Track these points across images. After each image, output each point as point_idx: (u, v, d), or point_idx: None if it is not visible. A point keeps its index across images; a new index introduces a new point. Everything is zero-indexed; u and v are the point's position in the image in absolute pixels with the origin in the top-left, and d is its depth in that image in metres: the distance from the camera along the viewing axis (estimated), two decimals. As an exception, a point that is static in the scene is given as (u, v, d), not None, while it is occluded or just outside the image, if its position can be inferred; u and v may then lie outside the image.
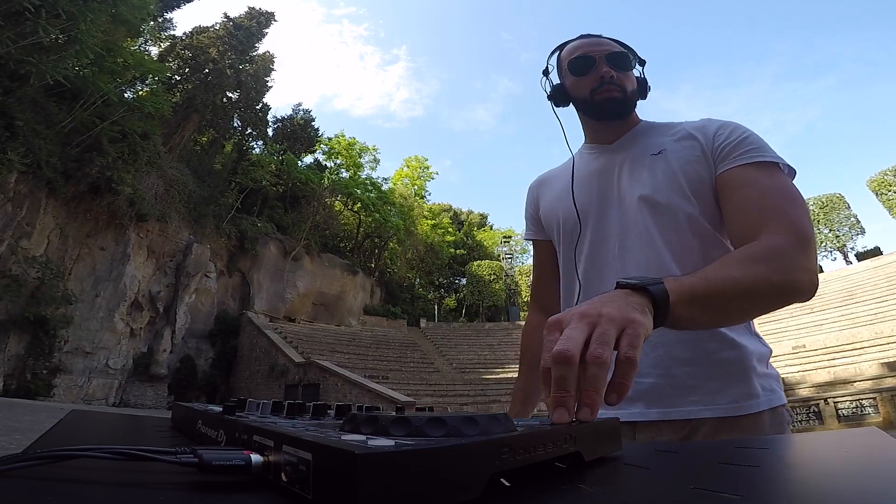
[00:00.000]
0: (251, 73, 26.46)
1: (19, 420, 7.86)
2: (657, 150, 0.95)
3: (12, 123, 13.50)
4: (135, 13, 17.11)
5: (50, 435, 0.52)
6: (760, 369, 0.85)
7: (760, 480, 0.33)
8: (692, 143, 0.92)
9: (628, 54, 0.99)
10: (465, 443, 0.26)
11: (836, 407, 11.05)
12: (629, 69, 0.98)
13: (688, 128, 0.96)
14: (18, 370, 14.51)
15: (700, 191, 0.88)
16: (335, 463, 0.22)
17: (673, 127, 1.00)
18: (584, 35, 1.05)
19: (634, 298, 0.52)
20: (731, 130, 0.89)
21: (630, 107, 1.00)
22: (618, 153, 1.00)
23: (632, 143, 1.00)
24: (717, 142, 0.89)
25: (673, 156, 0.92)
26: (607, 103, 0.97)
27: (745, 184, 0.81)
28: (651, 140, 0.98)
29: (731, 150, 0.86)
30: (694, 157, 0.90)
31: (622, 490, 0.34)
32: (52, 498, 0.24)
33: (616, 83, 0.96)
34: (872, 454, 0.42)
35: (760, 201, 0.78)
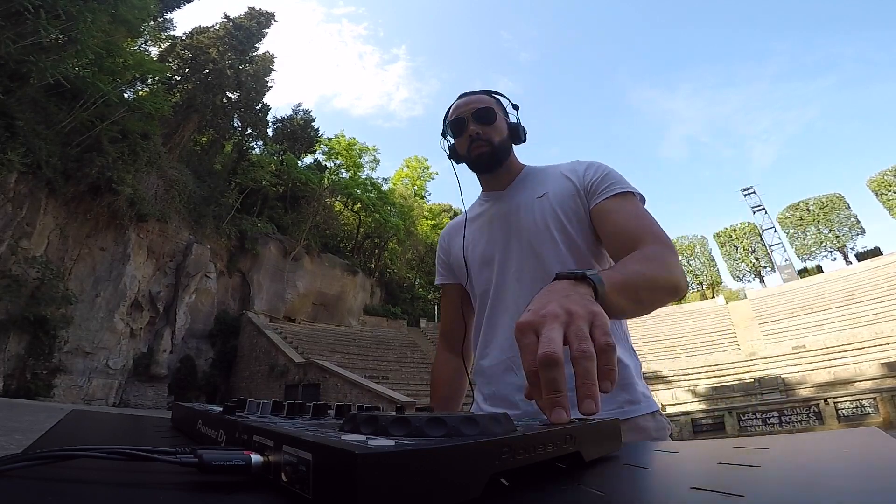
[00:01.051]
0: (251, 74, 26.48)
1: (19, 420, 7.86)
2: (541, 193, 1.08)
3: (12, 123, 13.50)
4: (135, 13, 17.12)
5: (50, 435, 0.52)
6: (638, 381, 0.98)
7: (760, 480, 0.33)
8: (567, 184, 1.06)
9: (493, 108, 1.09)
10: (465, 443, 0.26)
11: (837, 407, 11.05)
12: (493, 121, 1.09)
13: (563, 170, 1.10)
14: (18, 370, 14.51)
15: (577, 223, 1.03)
16: (335, 463, 0.22)
17: (551, 171, 1.13)
18: (461, 95, 1.17)
19: (583, 289, 0.57)
20: (595, 169, 1.06)
21: (501, 156, 1.11)
22: (511, 199, 1.12)
23: (520, 189, 1.13)
24: (586, 180, 1.04)
25: (554, 197, 1.06)
26: (479, 159, 1.10)
27: (614, 211, 0.97)
28: (535, 185, 1.11)
29: (598, 185, 1.02)
30: (569, 195, 1.05)
31: (622, 490, 0.34)
32: (52, 498, 0.24)
33: (483, 138, 1.08)
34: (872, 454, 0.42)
35: (630, 223, 0.94)
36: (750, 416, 11.79)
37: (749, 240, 35.16)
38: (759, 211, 36.23)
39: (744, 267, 34.87)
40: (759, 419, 11.67)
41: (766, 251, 34.12)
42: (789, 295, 24.72)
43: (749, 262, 34.56)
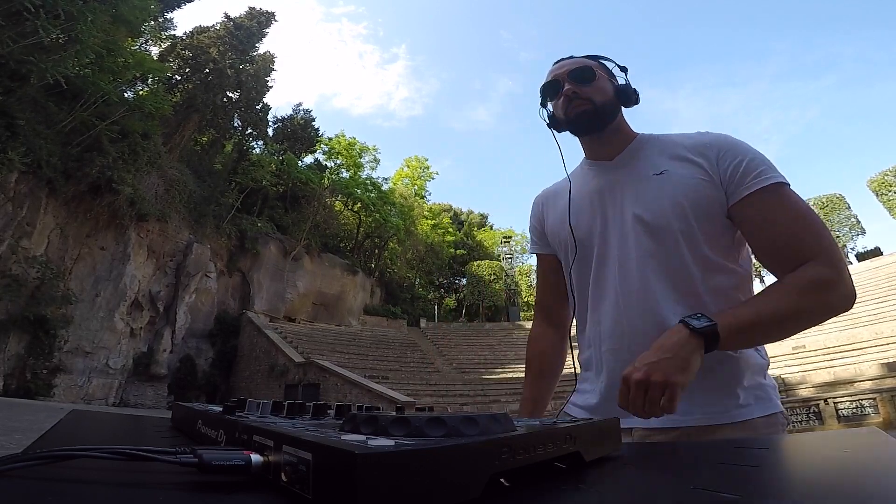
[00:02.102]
0: (251, 73, 26.47)
1: (19, 420, 7.86)
2: (659, 169, 0.95)
3: (13, 123, 13.50)
4: (135, 13, 17.12)
5: (50, 435, 0.52)
6: (750, 380, 0.89)
7: (760, 480, 0.33)
8: (693, 168, 0.93)
9: (591, 67, 1.00)
10: (465, 443, 0.26)
11: (836, 407, 11.05)
12: (592, 80, 0.99)
13: (687, 146, 0.96)
14: (18, 370, 14.51)
15: (705, 215, 0.90)
16: (335, 463, 0.22)
17: (671, 142, 0.99)
18: (557, 61, 1.07)
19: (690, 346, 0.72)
20: (732, 152, 0.91)
21: (604, 117, 0.99)
22: (619, 171, 1.00)
23: (632, 161, 1.00)
24: (722, 168, 0.90)
25: (676, 178, 0.93)
26: (579, 118, 0.99)
27: (768, 214, 0.85)
28: (651, 158, 0.98)
29: (740, 175, 0.88)
30: (697, 181, 0.91)
31: (622, 490, 0.34)
32: (52, 498, 0.24)
33: (581, 97, 0.98)
34: (872, 454, 0.42)
35: (791, 232, 0.83)
36: (750, 417, 11.79)
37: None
38: (759, 211, 36.18)
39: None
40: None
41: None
42: (789, 295, 24.69)
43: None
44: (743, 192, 0.87)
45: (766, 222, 0.85)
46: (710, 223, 0.90)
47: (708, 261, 0.89)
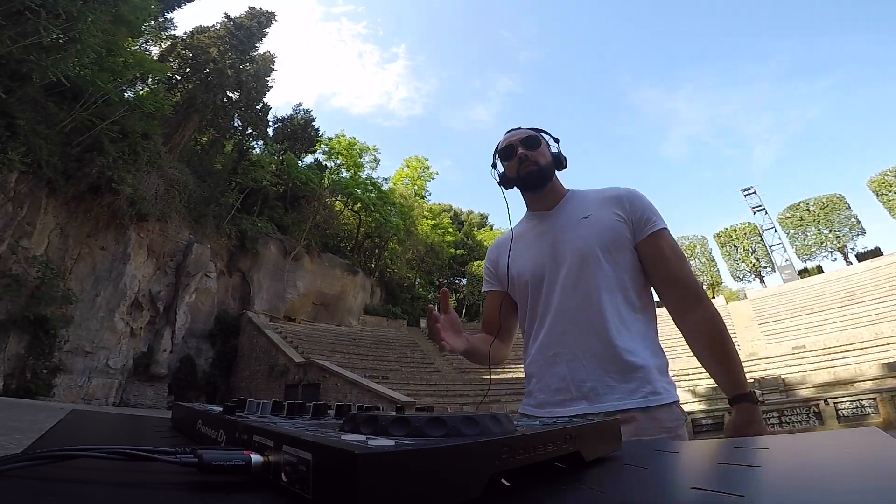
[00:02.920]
0: (251, 73, 26.46)
1: (19, 420, 7.86)
2: (585, 214, 1.24)
3: (13, 123, 13.50)
4: (136, 13, 17.11)
5: (50, 435, 0.52)
6: (660, 377, 1.16)
7: (760, 480, 0.33)
8: (611, 212, 1.22)
9: (538, 137, 1.30)
10: (465, 443, 0.26)
11: (837, 407, 11.04)
12: (538, 147, 1.29)
13: (605, 196, 1.26)
14: (18, 370, 14.51)
15: (622, 247, 1.20)
16: (335, 463, 0.22)
17: (593, 195, 1.30)
18: (508, 130, 1.38)
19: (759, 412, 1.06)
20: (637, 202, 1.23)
21: (546, 176, 1.29)
22: (556, 218, 1.29)
23: (565, 210, 1.29)
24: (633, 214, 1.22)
25: (599, 220, 1.22)
26: (528, 176, 1.28)
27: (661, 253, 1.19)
28: (579, 207, 1.27)
29: (642, 221, 1.21)
30: (614, 222, 1.21)
31: (622, 490, 0.34)
32: (52, 498, 0.24)
33: (530, 160, 1.27)
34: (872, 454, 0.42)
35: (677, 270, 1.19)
36: (750, 417, 11.76)
37: (749, 240, 35.14)
38: (759, 211, 36.21)
39: (744, 267, 34.84)
40: (759, 419, 11.64)
41: (767, 251, 34.11)
42: (789, 295, 24.71)
43: (749, 263, 34.53)
44: (643, 233, 1.20)
45: (657, 257, 1.19)
46: (624, 254, 1.20)
47: (625, 282, 1.19)
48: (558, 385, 1.16)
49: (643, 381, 1.12)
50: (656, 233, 1.19)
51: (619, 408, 1.09)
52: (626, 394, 1.11)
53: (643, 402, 1.10)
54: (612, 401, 1.10)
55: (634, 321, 1.17)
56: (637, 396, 1.10)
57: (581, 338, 1.16)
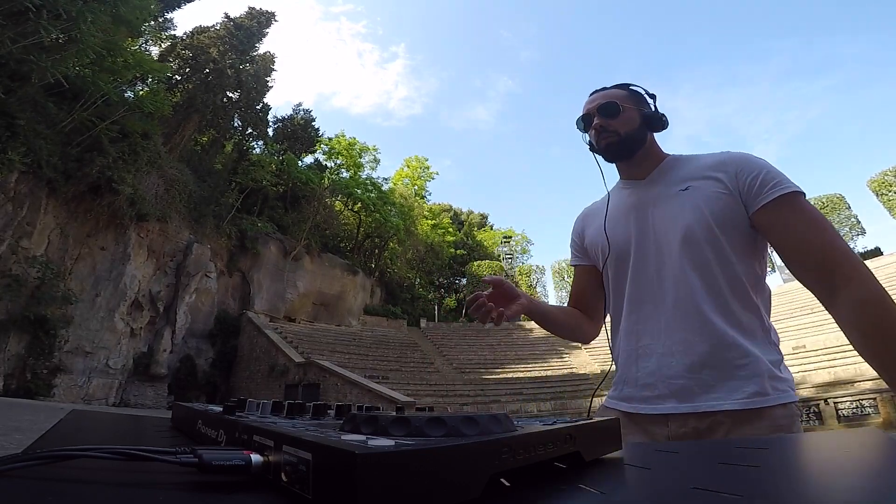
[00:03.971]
0: (251, 73, 26.47)
1: (19, 420, 7.86)
2: (684, 185, 1.08)
3: (13, 123, 13.50)
4: (136, 13, 17.11)
5: (50, 435, 0.52)
6: (771, 373, 0.99)
7: (760, 480, 0.33)
8: (715, 183, 1.04)
9: (617, 102, 1.13)
10: (465, 443, 0.26)
11: (837, 407, 11.05)
12: (618, 114, 1.12)
13: (710, 163, 1.08)
14: (18, 370, 14.52)
15: (726, 225, 1.01)
16: (335, 463, 0.22)
17: (697, 161, 1.12)
18: (592, 92, 1.21)
19: None
20: (749, 167, 1.02)
21: (630, 146, 1.14)
22: (650, 189, 1.14)
23: (661, 179, 1.14)
24: (741, 181, 1.01)
25: (699, 192, 1.05)
26: (608, 149, 1.14)
27: (788, 220, 0.96)
28: (677, 176, 1.11)
29: (758, 186, 0.99)
30: (718, 195, 1.03)
31: (622, 490, 0.34)
32: (52, 498, 0.24)
33: (608, 130, 1.12)
34: (872, 454, 0.42)
35: (813, 238, 0.94)
36: (750, 417, 11.77)
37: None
38: (759, 211, 36.22)
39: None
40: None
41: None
42: (789, 295, 24.71)
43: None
44: (760, 201, 0.98)
45: (785, 229, 0.97)
46: (730, 231, 1.01)
47: (732, 267, 1.01)
48: (646, 381, 1.04)
49: (746, 380, 0.96)
50: (779, 199, 0.96)
51: (715, 408, 0.95)
52: (725, 393, 0.96)
53: (745, 403, 0.94)
54: (709, 400, 0.96)
55: (739, 310, 1.00)
56: (739, 396, 0.95)
57: (672, 328, 1.02)
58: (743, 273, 1.01)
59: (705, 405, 0.96)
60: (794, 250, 0.96)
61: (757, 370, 0.97)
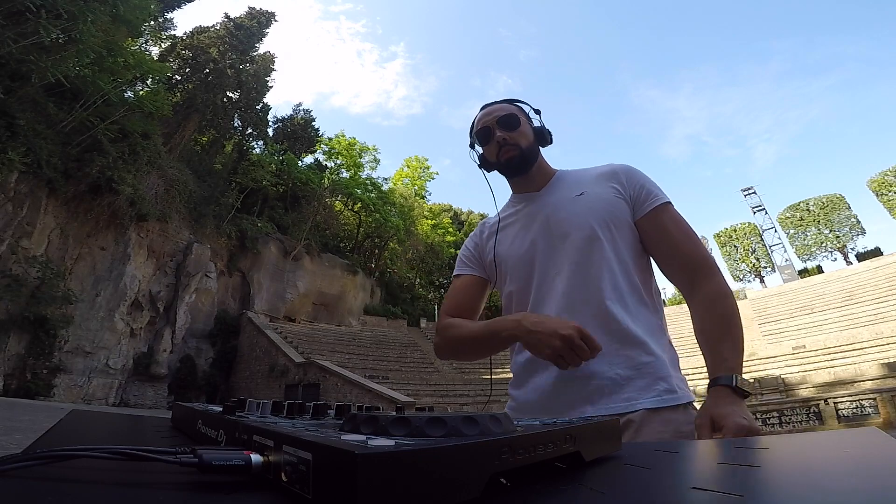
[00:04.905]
0: (251, 73, 26.47)
1: (19, 420, 7.86)
2: (579, 191, 1.12)
3: (13, 123, 13.51)
4: (135, 13, 17.11)
5: (50, 435, 0.52)
6: (674, 372, 1.02)
7: (760, 480, 0.33)
8: (608, 188, 1.10)
9: (516, 115, 1.15)
10: (465, 443, 0.26)
11: (837, 407, 11.04)
12: (518, 126, 1.14)
13: (599, 173, 1.14)
14: (18, 370, 14.52)
15: (622, 226, 1.07)
16: (335, 463, 0.22)
17: (586, 173, 1.17)
18: (483, 106, 1.22)
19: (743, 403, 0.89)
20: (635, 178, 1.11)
21: (530, 158, 1.15)
22: (546, 198, 1.16)
23: (556, 189, 1.16)
24: (630, 189, 1.10)
25: (594, 196, 1.10)
26: (510, 162, 1.14)
27: (664, 228, 1.06)
28: (571, 185, 1.15)
29: (642, 196, 1.08)
30: (612, 198, 1.09)
31: (622, 490, 0.34)
32: (52, 498, 0.24)
33: (510, 143, 1.13)
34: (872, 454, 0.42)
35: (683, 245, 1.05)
36: (750, 417, 11.75)
37: (749, 240, 35.16)
38: (759, 211, 36.23)
39: (744, 267, 34.86)
40: (759, 419, 11.65)
41: (767, 251, 34.12)
42: (789, 295, 24.72)
43: (749, 263, 34.55)
44: (646, 208, 1.07)
45: (661, 234, 1.06)
46: (625, 232, 1.07)
47: (626, 265, 1.06)
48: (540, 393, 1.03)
49: (654, 378, 0.97)
50: (659, 207, 1.06)
51: (628, 409, 0.95)
52: (636, 391, 0.96)
53: (657, 401, 0.95)
54: (620, 401, 0.95)
55: (641, 308, 1.03)
56: (650, 395, 0.96)
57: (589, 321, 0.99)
58: (638, 272, 1.06)
59: (619, 406, 0.95)
60: (669, 253, 1.06)
61: (663, 368, 1.00)
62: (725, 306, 0.98)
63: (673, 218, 1.07)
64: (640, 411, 0.95)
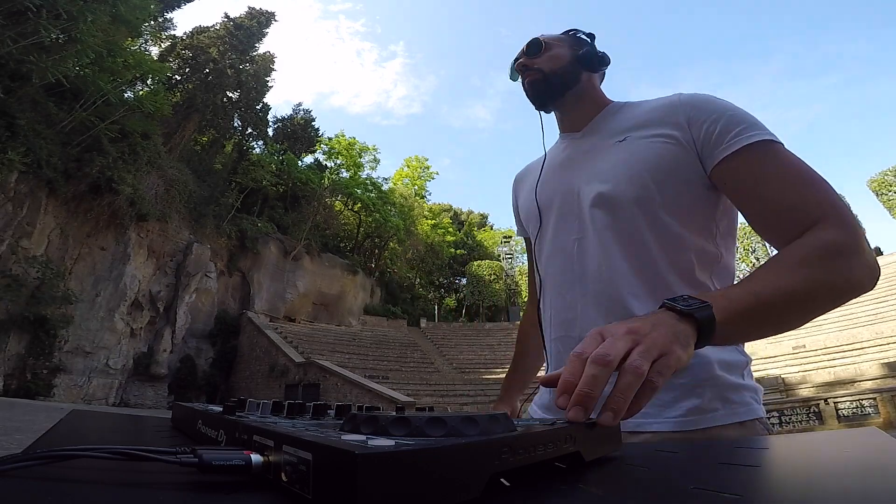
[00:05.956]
0: (251, 73, 26.48)
1: (19, 420, 7.86)
2: (621, 136, 0.86)
3: (13, 123, 13.51)
4: (135, 13, 17.12)
5: (50, 435, 0.52)
6: (726, 380, 0.74)
7: (760, 480, 0.33)
8: (660, 128, 0.82)
9: (542, 40, 0.97)
10: (465, 443, 0.26)
11: (837, 407, 11.04)
12: (540, 51, 0.95)
13: (657, 107, 0.86)
14: (18, 370, 14.52)
15: (669, 183, 0.78)
16: (335, 463, 0.22)
17: (642, 107, 0.90)
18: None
19: (682, 326, 0.50)
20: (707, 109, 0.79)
21: (554, 84, 0.94)
22: (583, 141, 0.94)
23: (597, 130, 0.93)
24: (696, 124, 0.78)
25: (637, 142, 0.83)
26: (530, 87, 0.96)
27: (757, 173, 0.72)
28: (616, 124, 0.90)
29: (720, 133, 0.75)
30: (660, 143, 0.80)
31: (622, 490, 0.34)
32: (52, 498, 0.24)
33: (531, 68, 0.95)
34: (872, 454, 0.42)
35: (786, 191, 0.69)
36: (750, 417, 11.76)
37: (749, 240, 35.18)
38: (759, 211, 36.26)
39: (744, 267, 34.89)
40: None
41: (767, 251, 34.14)
42: (789, 295, 24.70)
43: (749, 263, 34.57)
44: (722, 152, 0.74)
45: (756, 184, 0.71)
46: (675, 190, 0.78)
47: (670, 233, 0.78)
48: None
49: (685, 392, 0.72)
50: (745, 149, 0.72)
51: (638, 429, 0.72)
52: (654, 409, 0.71)
53: (680, 423, 0.71)
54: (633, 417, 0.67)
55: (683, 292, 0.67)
56: (672, 414, 0.71)
57: (589, 322, 0.79)
58: (692, 248, 0.78)
59: (632, 422, 0.64)
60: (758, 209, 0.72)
61: (701, 376, 0.73)
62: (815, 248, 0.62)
63: (772, 160, 0.72)
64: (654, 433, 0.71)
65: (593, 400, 0.41)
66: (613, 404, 0.41)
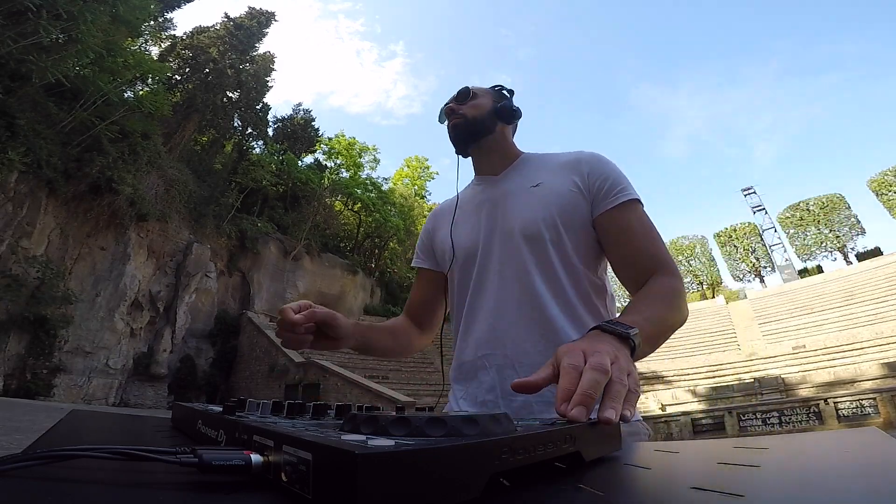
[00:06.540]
0: (251, 73, 26.48)
1: (19, 420, 7.86)
2: (536, 182, 1.01)
3: (13, 123, 13.51)
4: (135, 13, 17.12)
5: (50, 435, 0.52)
6: None
7: (760, 480, 0.33)
8: (568, 179, 0.99)
9: (469, 89, 1.09)
10: (465, 443, 0.26)
11: (837, 407, 11.04)
12: (467, 98, 1.08)
13: (564, 161, 1.03)
14: (18, 370, 14.52)
15: (573, 224, 0.96)
16: (335, 463, 0.22)
17: (551, 159, 1.07)
18: None
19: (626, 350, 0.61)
20: (599, 169, 0.98)
21: (477, 129, 1.07)
22: (502, 185, 1.07)
23: (514, 176, 1.07)
24: (591, 181, 0.97)
25: (549, 189, 0.99)
26: (453, 130, 1.08)
27: (626, 227, 0.93)
28: (531, 172, 1.05)
29: (605, 190, 0.95)
30: (569, 191, 0.97)
31: (622, 490, 0.34)
32: (52, 498, 0.24)
33: (458, 112, 1.07)
34: (872, 454, 0.42)
35: (645, 246, 0.92)
36: (750, 417, 11.77)
37: (749, 240, 35.18)
38: (759, 211, 36.27)
39: (744, 267, 34.88)
40: (759, 419, 11.66)
41: (767, 251, 34.15)
42: (789, 295, 24.71)
43: (749, 263, 34.57)
44: (608, 204, 0.94)
45: (622, 233, 0.93)
46: (576, 233, 0.95)
47: (575, 269, 0.95)
48: (485, 397, 0.94)
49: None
50: (623, 204, 0.93)
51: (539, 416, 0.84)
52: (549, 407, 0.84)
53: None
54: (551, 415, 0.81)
55: (585, 315, 0.93)
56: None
57: (514, 336, 0.92)
58: (585, 277, 0.95)
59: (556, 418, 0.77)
60: (628, 254, 0.93)
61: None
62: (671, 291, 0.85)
63: (639, 217, 0.94)
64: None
65: (594, 401, 0.47)
66: (613, 404, 0.47)
